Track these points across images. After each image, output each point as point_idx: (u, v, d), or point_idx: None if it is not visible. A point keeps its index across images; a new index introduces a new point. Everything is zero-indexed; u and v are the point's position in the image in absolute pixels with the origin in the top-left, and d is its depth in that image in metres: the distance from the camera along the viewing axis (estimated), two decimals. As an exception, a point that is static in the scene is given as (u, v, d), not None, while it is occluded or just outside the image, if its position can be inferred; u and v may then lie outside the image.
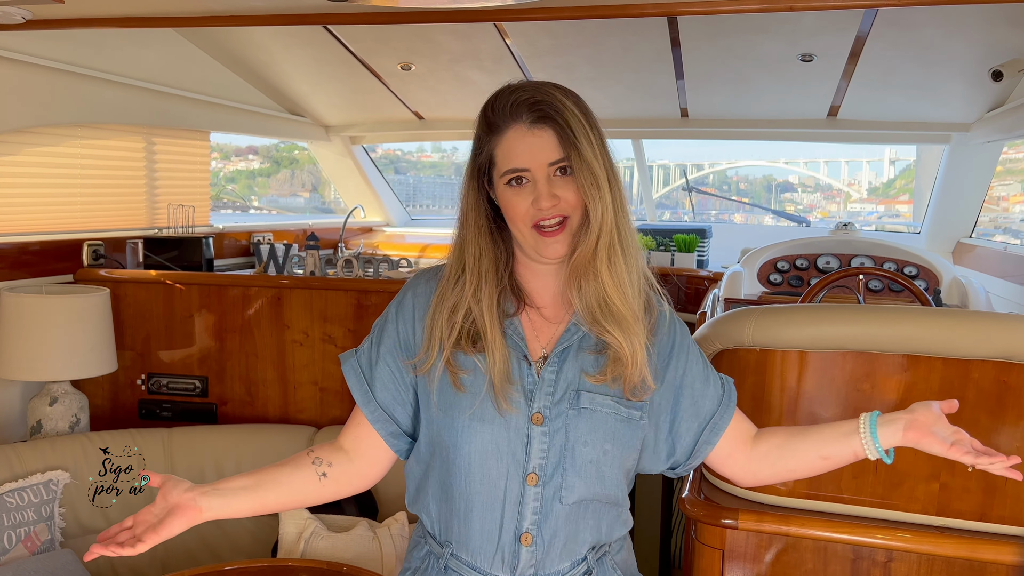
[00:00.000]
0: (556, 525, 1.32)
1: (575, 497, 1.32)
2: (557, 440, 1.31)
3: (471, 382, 1.33)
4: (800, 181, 12.74)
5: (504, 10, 2.23)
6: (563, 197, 1.29)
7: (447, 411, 1.34)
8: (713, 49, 3.46)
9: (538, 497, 1.31)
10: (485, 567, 1.34)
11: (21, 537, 2.35)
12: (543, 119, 1.29)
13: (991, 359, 1.71)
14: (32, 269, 2.98)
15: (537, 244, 1.30)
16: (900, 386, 1.77)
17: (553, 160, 1.29)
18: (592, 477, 1.33)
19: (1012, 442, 1.72)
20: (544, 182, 1.29)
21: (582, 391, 1.33)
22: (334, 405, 2.96)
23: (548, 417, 1.32)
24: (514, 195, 1.30)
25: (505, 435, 1.30)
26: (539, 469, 1.31)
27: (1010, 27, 2.84)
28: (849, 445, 1.38)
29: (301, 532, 2.39)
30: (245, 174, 10.28)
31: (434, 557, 1.40)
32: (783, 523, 1.84)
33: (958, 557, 1.75)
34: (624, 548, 1.48)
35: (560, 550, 1.34)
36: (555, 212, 1.29)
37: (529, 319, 1.38)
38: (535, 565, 1.33)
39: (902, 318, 1.77)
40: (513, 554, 1.33)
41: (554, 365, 1.35)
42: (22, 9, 2.24)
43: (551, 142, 1.29)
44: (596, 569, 1.40)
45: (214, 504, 1.30)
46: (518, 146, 1.29)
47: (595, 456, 1.32)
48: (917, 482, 1.79)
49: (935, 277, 3.60)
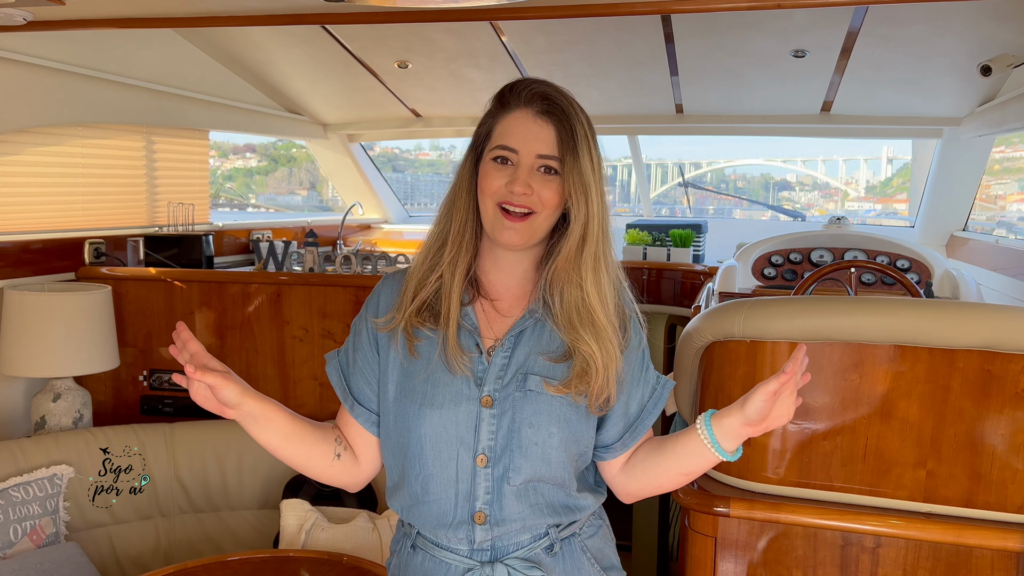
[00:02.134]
0: (508, 504, 1.36)
1: (522, 478, 1.35)
2: (504, 422, 1.34)
3: (426, 349, 1.38)
4: (798, 179, 12.77)
5: (499, 9, 2.26)
6: (537, 192, 1.32)
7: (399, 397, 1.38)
8: (706, 45, 3.49)
9: (489, 477, 1.35)
10: (445, 543, 1.39)
11: (26, 531, 2.38)
12: (549, 114, 1.33)
13: (975, 348, 1.75)
14: (34, 267, 3.01)
15: (496, 224, 1.33)
16: (887, 376, 1.81)
17: (543, 153, 1.32)
18: (537, 459, 1.35)
19: (997, 429, 1.76)
20: (526, 170, 1.32)
21: (530, 374, 1.36)
22: (334, 400, 2.99)
23: (497, 400, 1.35)
24: (494, 170, 1.34)
25: (454, 419, 1.34)
26: (488, 450, 1.34)
27: (997, 23, 2.87)
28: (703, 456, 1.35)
29: (302, 524, 2.43)
30: (243, 172, 10.29)
31: (405, 536, 1.46)
32: (774, 510, 1.87)
33: (944, 542, 1.79)
34: (598, 535, 1.49)
35: (516, 527, 1.38)
36: (524, 202, 1.31)
37: (483, 309, 1.41)
38: (492, 539, 1.38)
39: (888, 309, 1.81)
40: (469, 531, 1.37)
41: (506, 350, 1.38)
42: (23, 11, 2.27)
43: (549, 137, 1.32)
44: (562, 548, 1.42)
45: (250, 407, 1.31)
46: (517, 128, 1.33)
47: (541, 438, 1.34)
48: (905, 469, 1.83)
49: (927, 270, 3.63)
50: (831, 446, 1.86)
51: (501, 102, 1.38)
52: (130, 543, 2.67)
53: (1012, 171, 4.68)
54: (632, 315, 1.44)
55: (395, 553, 1.50)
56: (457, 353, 1.35)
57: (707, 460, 1.35)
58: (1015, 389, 1.74)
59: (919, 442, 1.81)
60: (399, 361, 1.40)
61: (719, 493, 1.92)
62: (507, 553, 1.39)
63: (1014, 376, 1.73)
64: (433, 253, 1.40)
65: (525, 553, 1.39)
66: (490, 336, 1.40)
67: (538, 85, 1.35)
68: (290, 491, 2.66)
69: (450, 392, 1.35)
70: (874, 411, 1.83)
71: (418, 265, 1.41)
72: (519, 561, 1.38)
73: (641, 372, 1.45)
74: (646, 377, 1.46)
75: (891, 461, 1.83)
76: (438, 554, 1.40)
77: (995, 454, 1.77)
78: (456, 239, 1.38)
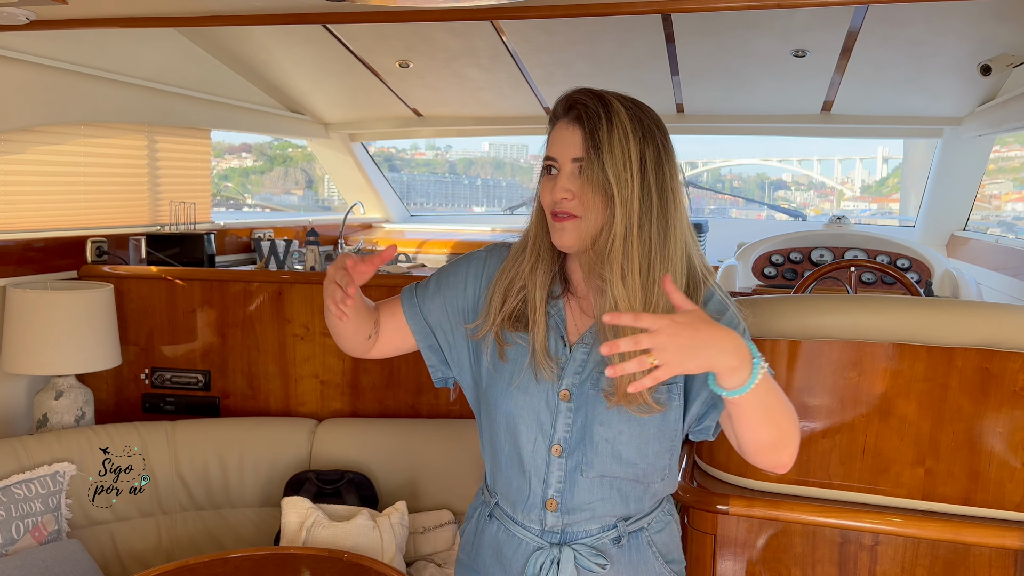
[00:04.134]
0: (579, 495, 1.41)
1: (594, 472, 1.40)
2: (579, 417, 1.40)
3: (513, 354, 1.45)
4: (794, 179, 12.80)
5: (500, 8, 2.26)
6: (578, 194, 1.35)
7: (490, 380, 1.47)
8: (707, 45, 3.50)
9: (562, 467, 1.41)
10: (520, 519, 1.47)
11: (29, 527, 2.39)
12: (577, 118, 1.37)
13: (974, 347, 1.76)
14: (37, 265, 3.02)
15: (552, 230, 1.39)
16: (886, 374, 1.82)
17: (575, 156, 1.36)
18: (608, 455, 1.39)
19: (995, 427, 1.76)
20: (565, 175, 1.37)
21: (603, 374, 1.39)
22: (334, 398, 3.01)
23: (574, 395, 1.40)
24: (545, 181, 1.40)
25: (536, 405, 1.41)
26: (563, 442, 1.40)
27: (998, 22, 2.88)
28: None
29: (303, 521, 2.43)
30: (239, 172, 10.29)
31: (484, 504, 1.55)
32: (773, 508, 1.88)
33: (942, 540, 1.79)
34: (666, 530, 1.51)
35: (586, 518, 1.43)
36: (565, 208, 1.35)
37: (570, 306, 1.47)
38: (562, 525, 1.44)
39: (887, 307, 1.82)
40: (540, 515, 1.44)
41: (586, 346, 1.42)
42: (26, 10, 2.28)
43: (577, 139, 1.36)
44: (629, 541, 1.45)
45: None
46: (556, 137, 1.39)
47: (610, 436, 1.38)
48: (903, 467, 1.83)
49: (927, 269, 3.64)
50: (830, 444, 1.87)
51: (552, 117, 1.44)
52: (132, 540, 2.68)
53: (1007, 170, 4.69)
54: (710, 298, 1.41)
55: (471, 519, 1.59)
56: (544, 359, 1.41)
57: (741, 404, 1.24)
58: (1013, 387, 1.74)
59: (918, 440, 1.81)
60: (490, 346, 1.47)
61: (719, 491, 1.93)
62: (575, 539, 1.44)
63: (1012, 374, 1.74)
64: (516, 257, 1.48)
65: (593, 541, 1.44)
66: (575, 331, 1.45)
67: (574, 92, 1.40)
68: (291, 489, 2.67)
69: (532, 383, 1.42)
70: (873, 409, 1.83)
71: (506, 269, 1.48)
72: (586, 548, 1.43)
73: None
74: None
75: (890, 459, 1.84)
76: (512, 528, 1.48)
77: (993, 452, 1.77)
78: (534, 247, 1.45)
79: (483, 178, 12.31)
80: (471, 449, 2.70)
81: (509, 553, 1.48)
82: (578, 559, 1.42)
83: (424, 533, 2.60)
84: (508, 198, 12.80)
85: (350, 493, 2.62)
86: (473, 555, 1.56)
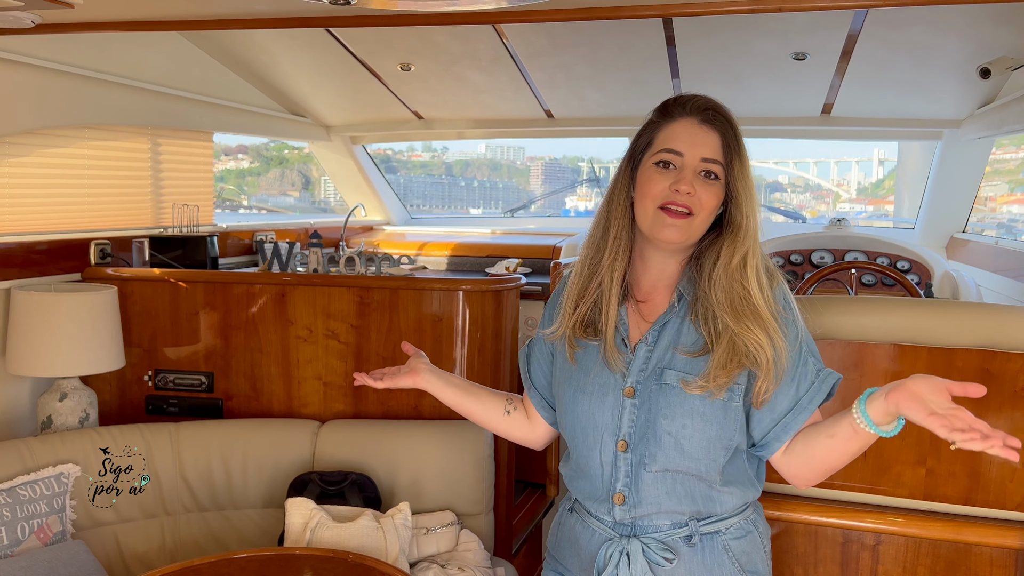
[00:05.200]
0: (645, 490, 1.47)
1: (658, 466, 1.45)
2: (643, 412, 1.45)
3: (582, 357, 1.52)
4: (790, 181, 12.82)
5: (502, 12, 2.28)
6: (699, 194, 1.40)
7: (560, 384, 1.56)
8: (708, 48, 3.52)
9: (628, 462, 1.47)
10: (594, 512, 1.54)
11: (34, 528, 2.40)
12: (712, 122, 1.43)
13: (974, 348, 1.77)
14: (40, 268, 3.03)
15: (656, 223, 1.42)
16: (887, 374, 1.83)
17: (707, 157, 1.41)
18: (671, 448, 1.43)
19: (995, 425, 1.77)
20: (691, 172, 1.41)
21: (667, 369, 1.44)
22: (337, 399, 3.02)
23: (638, 391, 1.46)
24: (657, 174, 1.43)
25: (601, 406, 1.48)
26: (628, 437, 1.46)
27: (996, 25, 2.89)
28: (846, 420, 1.36)
29: (307, 522, 2.44)
30: (235, 173, 10.29)
31: (567, 499, 1.65)
32: (775, 508, 1.90)
33: (944, 539, 1.81)
34: (747, 539, 1.52)
35: (652, 511, 1.47)
36: (686, 202, 1.39)
37: (632, 310, 1.53)
38: (632, 519, 1.49)
39: (888, 308, 1.83)
40: (609, 509, 1.50)
41: (649, 345, 1.48)
42: (32, 13, 2.29)
43: (714, 142, 1.42)
44: (702, 541, 1.48)
45: (433, 381, 1.67)
46: (682, 133, 1.43)
47: (674, 429, 1.42)
48: (905, 468, 1.85)
49: (927, 271, 3.66)
50: (832, 444, 1.88)
51: (664, 112, 1.48)
52: (136, 541, 2.69)
53: (1002, 173, 4.71)
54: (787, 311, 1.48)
55: (559, 512, 1.69)
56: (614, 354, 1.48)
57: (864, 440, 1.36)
58: (1014, 388, 1.76)
59: (919, 441, 1.83)
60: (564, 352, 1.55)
61: (721, 491, 1.94)
62: (646, 533, 1.49)
63: (1012, 375, 1.75)
64: (591, 259, 1.52)
65: (663, 537, 1.48)
66: (637, 333, 1.51)
67: (700, 98, 1.46)
68: (295, 490, 2.67)
69: (599, 381, 1.48)
70: (874, 410, 1.84)
71: (577, 275, 1.55)
72: (655, 543, 1.47)
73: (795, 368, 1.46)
74: (802, 372, 1.46)
75: (891, 459, 1.85)
76: (588, 520, 1.56)
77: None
78: (614, 245, 1.49)
79: (480, 180, 12.34)
80: (473, 450, 2.71)
81: (584, 543, 1.55)
82: (646, 552, 1.46)
83: (427, 534, 2.61)
84: (505, 200, 12.81)
85: (353, 494, 2.63)
86: (556, 545, 1.66)
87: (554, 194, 8.07)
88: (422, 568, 2.54)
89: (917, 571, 1.83)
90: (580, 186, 8.30)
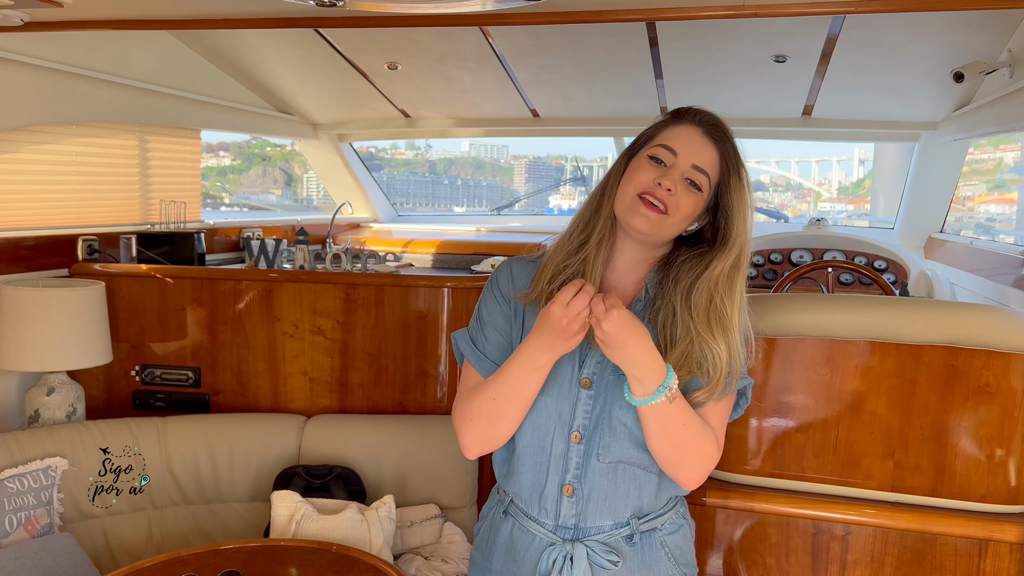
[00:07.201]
0: (594, 481, 1.46)
1: (611, 457, 1.45)
2: (599, 403, 1.45)
3: None
4: (771, 180, 12.90)
5: (487, 15, 2.32)
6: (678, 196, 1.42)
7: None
8: (690, 50, 3.57)
9: (580, 453, 1.46)
10: (534, 514, 1.51)
11: (21, 521, 2.43)
12: (715, 136, 1.46)
13: (940, 344, 1.83)
14: (28, 263, 3.05)
15: (630, 208, 1.43)
16: (857, 370, 1.89)
17: (699, 165, 1.44)
18: (625, 439, 1.45)
19: (960, 421, 1.84)
20: (679, 173, 1.43)
21: None
22: (323, 395, 3.06)
23: (595, 382, 1.46)
24: (647, 164, 1.45)
25: (556, 400, 1.46)
26: (582, 428, 1.46)
27: (970, 31, 2.96)
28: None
29: (292, 515, 2.48)
30: (216, 171, 10.25)
31: (499, 502, 1.59)
32: (748, 500, 1.95)
33: (911, 530, 1.87)
34: (680, 533, 1.56)
35: (600, 506, 1.47)
36: (665, 198, 1.41)
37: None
38: (576, 516, 1.48)
39: (858, 306, 1.89)
40: (556, 503, 1.48)
41: None
42: (21, 12, 2.31)
43: (710, 155, 1.45)
44: (642, 540, 1.50)
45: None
46: (683, 136, 1.46)
47: (629, 420, 1.44)
48: (873, 460, 1.90)
49: (904, 271, 3.72)
50: (803, 438, 1.94)
51: (674, 115, 1.51)
52: (123, 534, 2.72)
53: (980, 173, 4.78)
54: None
55: (485, 518, 1.62)
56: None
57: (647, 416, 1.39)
58: (977, 383, 1.82)
59: (887, 434, 1.89)
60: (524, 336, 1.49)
61: (697, 483, 1.99)
62: (588, 535, 1.48)
63: (976, 371, 1.81)
64: (578, 234, 1.51)
65: (605, 538, 1.48)
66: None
67: (711, 114, 1.49)
68: (280, 484, 2.71)
69: (554, 375, 1.45)
70: (845, 404, 1.90)
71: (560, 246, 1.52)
72: (599, 544, 1.47)
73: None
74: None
75: (860, 452, 1.91)
76: (526, 524, 1.51)
77: (959, 446, 1.85)
78: (603, 227, 1.49)
79: (463, 178, 12.30)
80: (457, 445, 2.74)
81: (523, 549, 1.51)
82: (591, 555, 1.45)
83: (411, 527, 2.66)
84: (489, 198, 12.81)
85: (338, 488, 2.66)
86: (487, 553, 1.58)
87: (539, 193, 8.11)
88: (406, 560, 2.59)
89: (885, 560, 1.89)
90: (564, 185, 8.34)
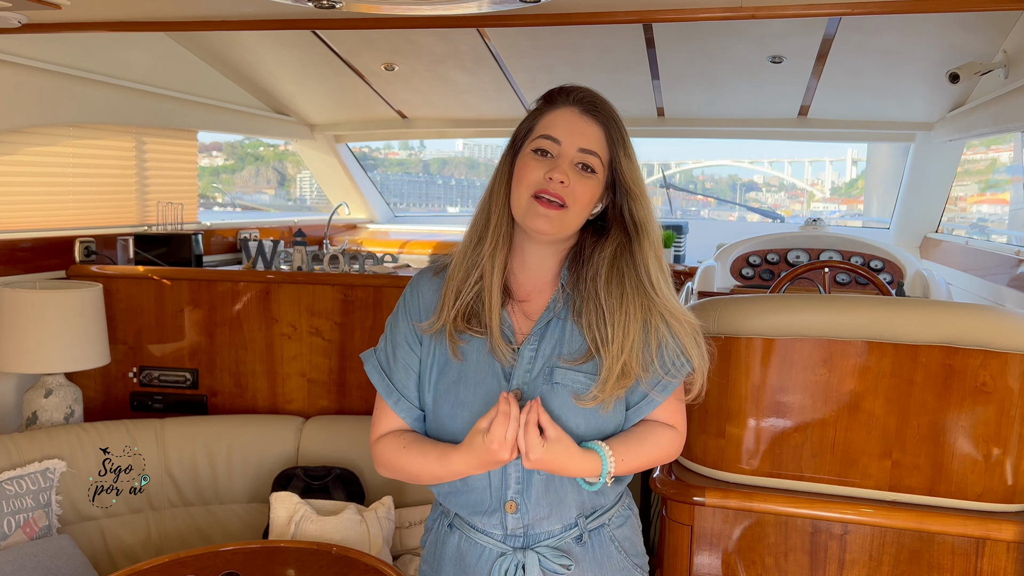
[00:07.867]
0: (538, 494, 1.41)
1: None
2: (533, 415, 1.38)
3: (469, 351, 1.42)
4: (765, 181, 12.95)
5: (485, 16, 2.32)
6: (573, 186, 1.35)
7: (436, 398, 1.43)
8: (686, 51, 3.57)
9: (519, 468, 1.40)
10: (481, 526, 1.45)
11: (20, 523, 2.43)
12: (594, 114, 1.38)
13: (937, 344, 1.84)
14: (25, 265, 3.05)
15: (528, 211, 1.36)
16: (855, 370, 1.89)
17: (585, 147, 1.36)
18: None
19: (957, 421, 1.84)
20: (567, 162, 1.36)
21: (555, 368, 1.40)
22: (321, 396, 3.06)
23: (526, 393, 1.40)
24: (533, 161, 1.37)
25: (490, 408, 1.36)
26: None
27: (965, 32, 2.97)
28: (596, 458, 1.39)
29: (291, 516, 2.48)
30: (209, 171, 10.24)
31: (443, 515, 1.53)
32: (747, 499, 1.95)
33: (908, 529, 1.87)
34: (627, 525, 1.54)
35: (546, 516, 1.43)
36: (559, 191, 1.34)
37: (512, 310, 1.46)
38: (524, 526, 1.43)
39: (855, 306, 1.89)
40: (501, 519, 1.43)
41: (532, 344, 1.42)
42: (19, 13, 2.31)
43: (594, 134, 1.37)
44: (592, 538, 1.47)
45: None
46: (561, 121, 1.38)
47: (568, 430, 1.37)
48: (871, 460, 1.91)
49: (900, 270, 3.73)
50: (801, 438, 1.95)
51: (547, 100, 1.42)
52: (121, 536, 2.72)
53: (972, 173, 4.80)
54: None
55: (430, 530, 1.56)
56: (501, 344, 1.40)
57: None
58: (974, 383, 1.82)
59: (885, 434, 1.89)
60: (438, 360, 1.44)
61: (695, 483, 1.99)
62: (538, 541, 1.44)
63: (973, 370, 1.82)
64: (472, 249, 1.43)
65: (556, 542, 1.44)
66: (520, 334, 1.44)
67: (584, 89, 1.40)
68: (279, 485, 2.71)
69: (480, 392, 1.39)
70: (842, 404, 1.91)
71: (457, 265, 1.44)
72: (550, 550, 1.42)
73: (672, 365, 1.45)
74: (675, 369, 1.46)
75: (858, 452, 1.91)
76: (474, 536, 1.46)
77: (956, 445, 1.85)
78: (494, 234, 1.41)
79: (457, 178, 12.24)
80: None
81: (472, 561, 1.46)
82: (543, 562, 1.41)
83: (410, 527, 2.66)
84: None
85: (337, 489, 2.67)
86: (436, 567, 1.52)
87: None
88: (405, 560, 2.59)
89: (883, 559, 1.90)
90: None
